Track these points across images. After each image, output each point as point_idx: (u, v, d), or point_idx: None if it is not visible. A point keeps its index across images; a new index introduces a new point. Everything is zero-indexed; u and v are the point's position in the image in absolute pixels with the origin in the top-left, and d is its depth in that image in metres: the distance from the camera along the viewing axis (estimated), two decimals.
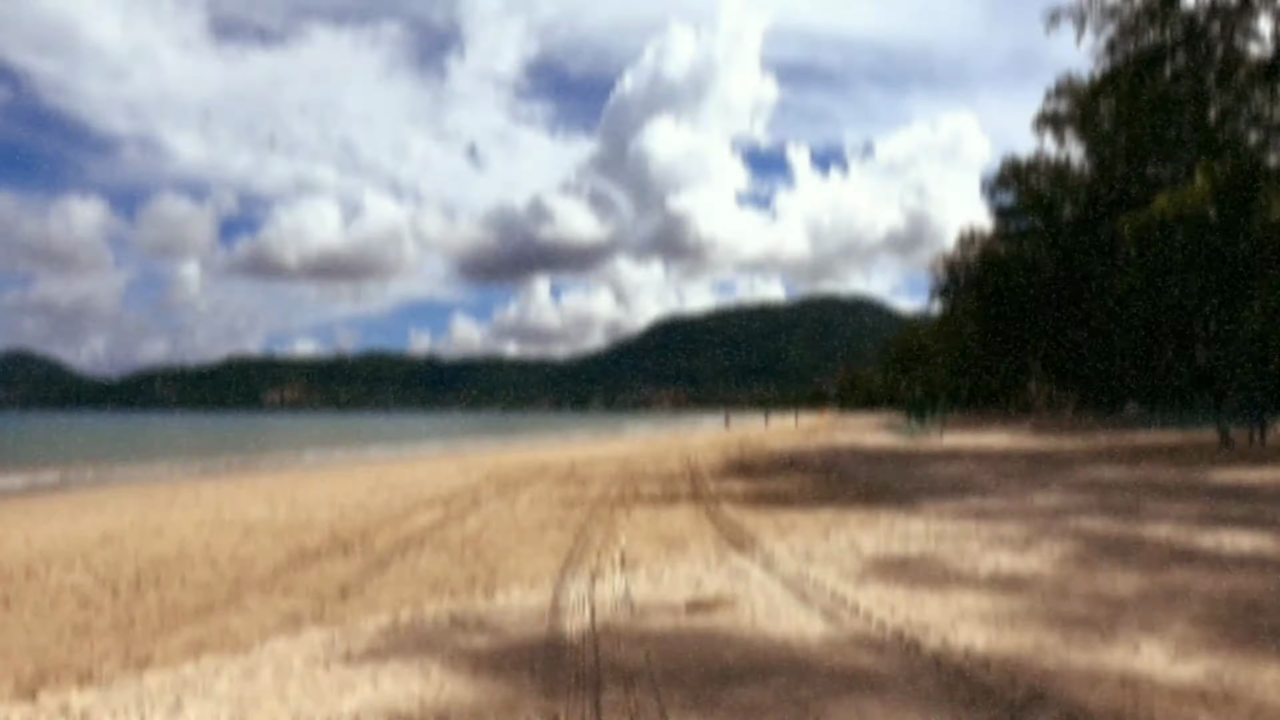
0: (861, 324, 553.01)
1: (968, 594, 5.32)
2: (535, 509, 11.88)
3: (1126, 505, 10.07)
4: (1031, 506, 10.18)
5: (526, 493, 14.52)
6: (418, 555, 7.89)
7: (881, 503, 11.13)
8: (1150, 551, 6.81)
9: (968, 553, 6.91)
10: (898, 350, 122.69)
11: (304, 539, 9.29)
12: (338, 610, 5.39)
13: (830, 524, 9.21)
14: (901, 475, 15.43)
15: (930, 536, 7.91)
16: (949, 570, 6.13)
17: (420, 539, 8.99)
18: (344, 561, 7.63)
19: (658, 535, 8.78)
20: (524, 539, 8.89)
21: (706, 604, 4.98)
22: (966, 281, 66.74)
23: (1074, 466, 17.05)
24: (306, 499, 14.49)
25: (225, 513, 12.71)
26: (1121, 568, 6.14)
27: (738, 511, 10.77)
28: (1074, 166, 54.20)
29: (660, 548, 7.86)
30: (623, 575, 6.27)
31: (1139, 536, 7.63)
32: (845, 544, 7.52)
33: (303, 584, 6.50)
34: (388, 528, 10.16)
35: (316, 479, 19.80)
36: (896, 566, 6.35)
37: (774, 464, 19.63)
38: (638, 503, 12.32)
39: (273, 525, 10.79)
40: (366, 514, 11.93)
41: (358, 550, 8.28)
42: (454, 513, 11.72)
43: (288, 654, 4.22)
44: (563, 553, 7.77)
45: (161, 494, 16.84)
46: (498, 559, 7.61)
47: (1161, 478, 13.86)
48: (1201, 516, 8.98)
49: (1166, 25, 28.28)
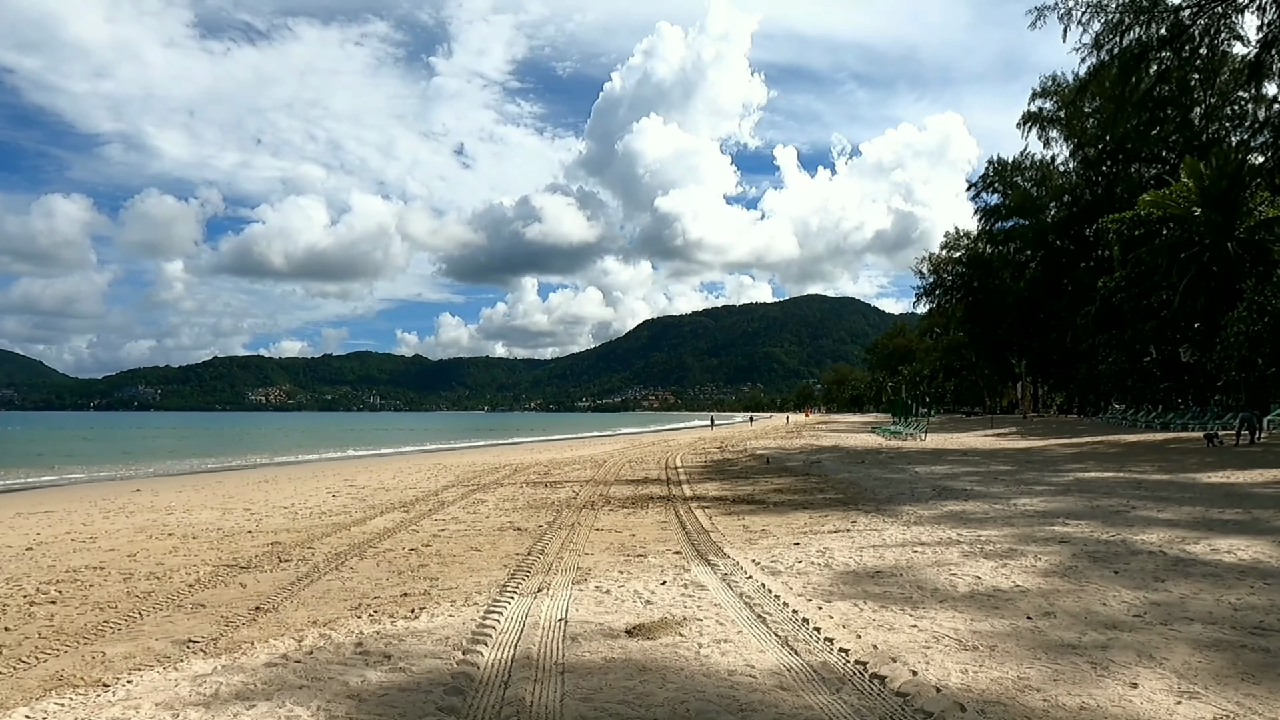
0: (849, 325, 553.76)
1: (944, 614, 4.77)
2: (498, 513, 11.30)
3: (1115, 509, 9.58)
4: (1015, 511, 9.67)
5: (494, 495, 13.94)
6: (355, 567, 7.29)
7: (859, 507, 10.61)
8: (1143, 561, 6.30)
9: (946, 563, 6.37)
10: (884, 350, 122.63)
11: (243, 547, 8.68)
12: (238, 635, 4.79)
13: (803, 530, 8.67)
14: (882, 477, 14.93)
15: (907, 544, 7.38)
16: (924, 585, 5.59)
17: (366, 547, 8.39)
18: (273, 574, 7.02)
19: (619, 543, 8.22)
20: (477, 547, 8.31)
21: (650, 628, 4.42)
22: (952, 282, 66.57)
23: (1060, 467, 16.60)
24: (265, 503, 13.86)
25: (174, 518, 12.06)
26: (1113, 581, 5.61)
27: (709, 516, 10.23)
28: (1059, 166, 54.04)
29: (618, 558, 7.29)
30: (569, 591, 5.70)
31: (1130, 544, 7.12)
32: (815, 554, 6.98)
33: (216, 602, 5.90)
34: (337, 535, 9.56)
35: (284, 481, 19.11)
36: (868, 580, 5.80)
37: (753, 465, 19.09)
38: (607, 506, 11.76)
39: (217, 532, 10.16)
40: (320, 519, 11.33)
41: (293, 560, 7.68)
42: (413, 517, 11.13)
43: (147, 693, 3.63)
44: (513, 563, 7.19)
45: (120, 498, 16.13)
46: (440, 570, 7.03)
47: (1150, 479, 13.40)
48: (1194, 521, 8.49)
49: (1153, 21, 27.95)
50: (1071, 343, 44.86)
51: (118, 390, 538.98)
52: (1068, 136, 48.97)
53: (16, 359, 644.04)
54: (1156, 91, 33.58)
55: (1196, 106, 41.22)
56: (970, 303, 62.80)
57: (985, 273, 60.45)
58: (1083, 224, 49.26)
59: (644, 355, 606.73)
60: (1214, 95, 40.41)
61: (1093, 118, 45.96)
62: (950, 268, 67.23)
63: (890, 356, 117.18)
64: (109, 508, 13.99)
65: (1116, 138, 42.34)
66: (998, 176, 57.93)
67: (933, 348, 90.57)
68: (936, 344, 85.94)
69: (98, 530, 10.75)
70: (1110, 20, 28.54)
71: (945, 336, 79.36)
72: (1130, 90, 31.18)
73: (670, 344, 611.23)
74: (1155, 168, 44.93)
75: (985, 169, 59.18)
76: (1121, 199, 42.00)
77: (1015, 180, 57.27)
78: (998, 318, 58.43)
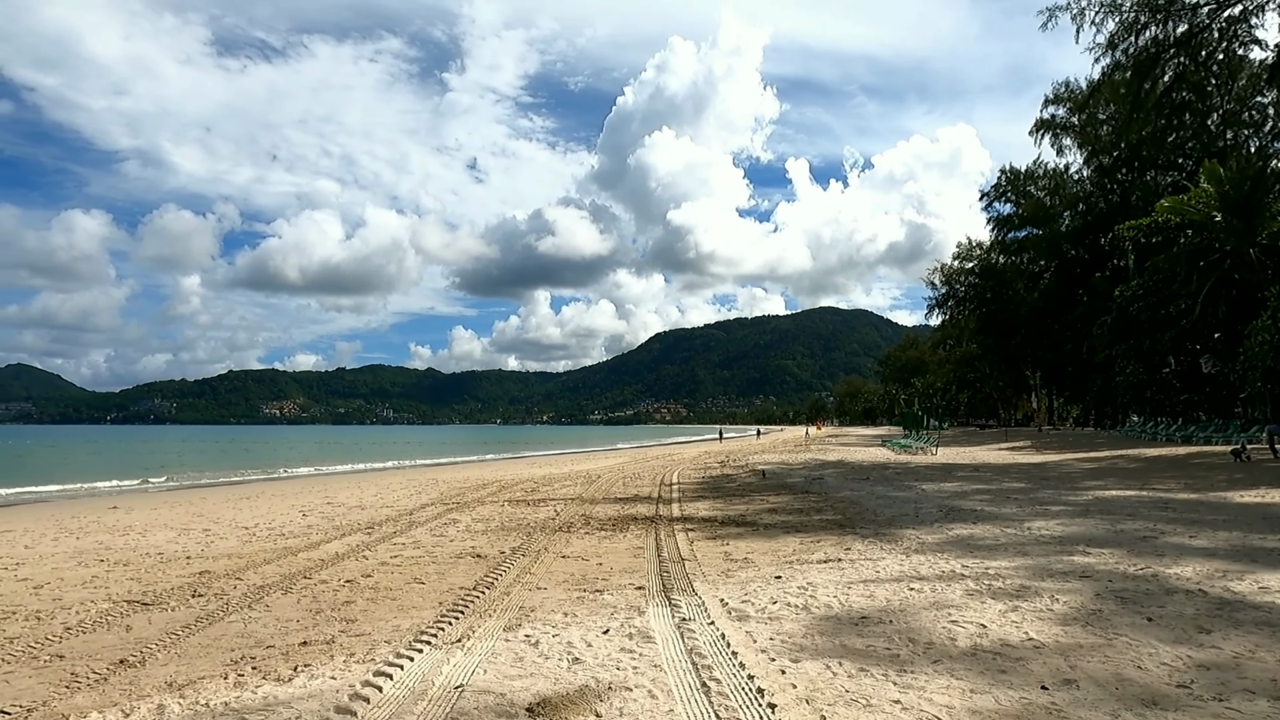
0: (862, 337, 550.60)
1: (936, 681, 3.82)
2: (466, 536, 10.41)
3: (1142, 534, 8.57)
4: (1029, 536, 8.68)
5: (470, 515, 13.06)
6: (272, 604, 6.40)
7: (856, 530, 9.63)
8: (1181, 604, 5.32)
9: (946, 605, 5.41)
10: (896, 363, 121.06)
11: (165, 578, 7.83)
12: (66, 705, 3.91)
13: (789, 559, 7.72)
14: (886, 495, 13.92)
15: (904, 579, 6.42)
16: (917, 636, 4.64)
17: (300, 578, 7.51)
18: (174, 613, 6.15)
19: (581, 575, 7.30)
20: (422, 578, 7.42)
21: (560, 704, 3.49)
22: (964, 293, 65.36)
23: (1077, 484, 15.54)
24: (230, 523, 13.07)
25: (123, 541, 11.27)
26: (1147, 632, 4.65)
27: (690, 541, 9.29)
28: (1073, 175, 52.89)
29: (572, 593, 6.38)
30: (493, 642, 4.79)
31: (1163, 579, 6.14)
32: (796, 591, 6.03)
33: (81, 651, 5.02)
34: (279, 561, 8.69)
35: (266, 498, 18.33)
36: (851, 628, 4.86)
37: (751, 482, 18.11)
38: (586, 528, 10.85)
39: (156, 558, 9.35)
40: (275, 542, 10.49)
41: (208, 595, 6.80)
42: (373, 540, 10.26)
43: None
44: (451, 600, 6.29)
45: (89, 516, 15.39)
46: (366, 608, 6.13)
47: (1177, 499, 12.35)
48: (1234, 550, 7.48)
49: (1170, 19, 26.93)
50: (1087, 354, 43.66)
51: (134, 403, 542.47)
52: (1081, 143, 47.85)
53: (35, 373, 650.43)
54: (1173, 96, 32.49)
55: (1214, 112, 40.06)
56: (983, 314, 61.58)
57: (998, 283, 59.22)
58: (1097, 233, 48.05)
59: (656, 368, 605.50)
60: (1231, 100, 39.28)
61: (1107, 124, 44.88)
62: (962, 278, 66.07)
63: (903, 369, 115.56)
64: (70, 527, 13.25)
65: (1132, 143, 41.19)
66: (1010, 185, 56.78)
67: (946, 360, 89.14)
68: (949, 356, 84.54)
69: (32, 554, 9.94)
70: (1125, 19, 27.60)
71: (958, 348, 78.00)
72: (1146, 93, 30.15)
73: (682, 356, 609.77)
74: (1172, 175, 43.74)
75: (997, 178, 58.10)
76: (1137, 207, 40.79)
77: (1028, 189, 56.09)
78: (1011, 329, 57.15)
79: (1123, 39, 28.01)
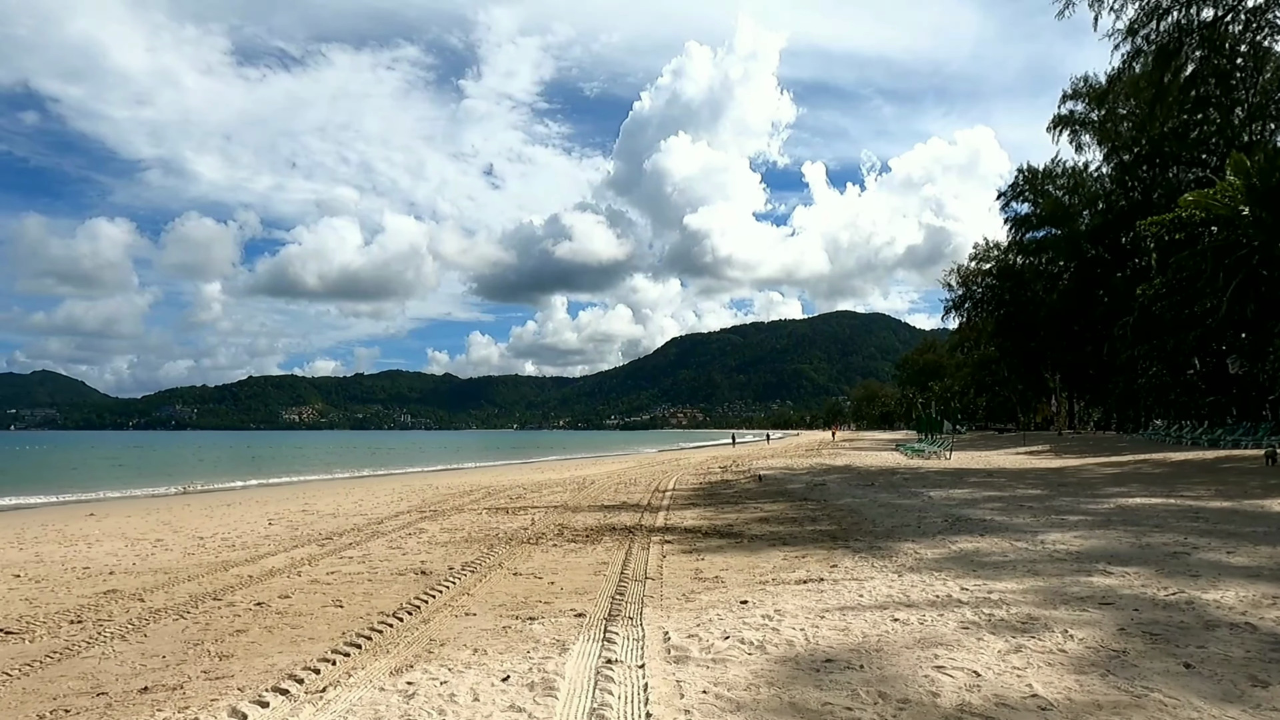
0: (879, 341, 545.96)
1: None
2: (422, 549, 9.52)
3: (1172, 550, 7.53)
4: (1042, 551, 7.66)
5: (438, 525, 12.20)
6: (150, 634, 5.52)
7: (849, 543, 8.64)
8: (1225, 642, 4.32)
9: (934, 641, 4.44)
10: (913, 366, 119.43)
11: (65, 597, 7.01)
12: None
13: (765, 579, 6.76)
14: (889, 503, 12.90)
15: (889, 605, 5.44)
16: (890, 688, 3.67)
17: (206, 600, 6.64)
18: (28, 644, 5.29)
19: (523, 597, 6.38)
20: (344, 599, 6.52)
21: None
22: (982, 295, 63.96)
23: (1098, 491, 14.44)
24: (189, 532, 12.34)
25: (65, 551, 10.54)
26: (1185, 683, 3.66)
27: (663, 555, 8.35)
28: (1092, 172, 51.46)
29: (500, 622, 5.45)
30: (365, 691, 3.88)
31: (1200, 608, 5.13)
32: (758, 621, 5.07)
33: None
34: (202, 578, 7.84)
35: (244, 505, 17.62)
36: (809, 677, 3.89)
37: (750, 488, 17.11)
38: (556, 539, 9.93)
39: (80, 572, 8.60)
40: (218, 555, 9.68)
41: (87, 622, 5.93)
42: (322, 553, 9.41)
43: None
44: (356, 629, 5.38)
45: (56, 524, 14.73)
46: (253, 642, 5.23)
47: (1209, 507, 11.25)
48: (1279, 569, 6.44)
49: (1192, 3, 25.71)
50: (1109, 355, 42.18)
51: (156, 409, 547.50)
52: (1101, 140, 46.45)
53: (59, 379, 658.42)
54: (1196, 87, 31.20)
55: (1239, 105, 38.65)
56: (1001, 316, 60.14)
57: (1016, 284, 57.76)
58: (1118, 231, 46.60)
59: (672, 372, 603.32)
60: (1257, 94, 37.86)
61: (1127, 119, 43.51)
62: (980, 280, 64.64)
63: (920, 372, 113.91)
64: (26, 537, 12.54)
65: (1153, 138, 39.85)
66: (1028, 185, 55.39)
67: (963, 363, 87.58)
68: (967, 359, 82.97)
69: None
70: (1146, 3, 26.38)
71: (976, 351, 76.41)
72: (1168, 84, 28.89)
73: (699, 361, 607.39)
74: (1195, 171, 42.27)
75: (1015, 177, 56.72)
76: (1159, 204, 39.37)
77: (1046, 188, 54.66)
78: (1030, 331, 55.71)
79: (1143, 24, 26.85)
